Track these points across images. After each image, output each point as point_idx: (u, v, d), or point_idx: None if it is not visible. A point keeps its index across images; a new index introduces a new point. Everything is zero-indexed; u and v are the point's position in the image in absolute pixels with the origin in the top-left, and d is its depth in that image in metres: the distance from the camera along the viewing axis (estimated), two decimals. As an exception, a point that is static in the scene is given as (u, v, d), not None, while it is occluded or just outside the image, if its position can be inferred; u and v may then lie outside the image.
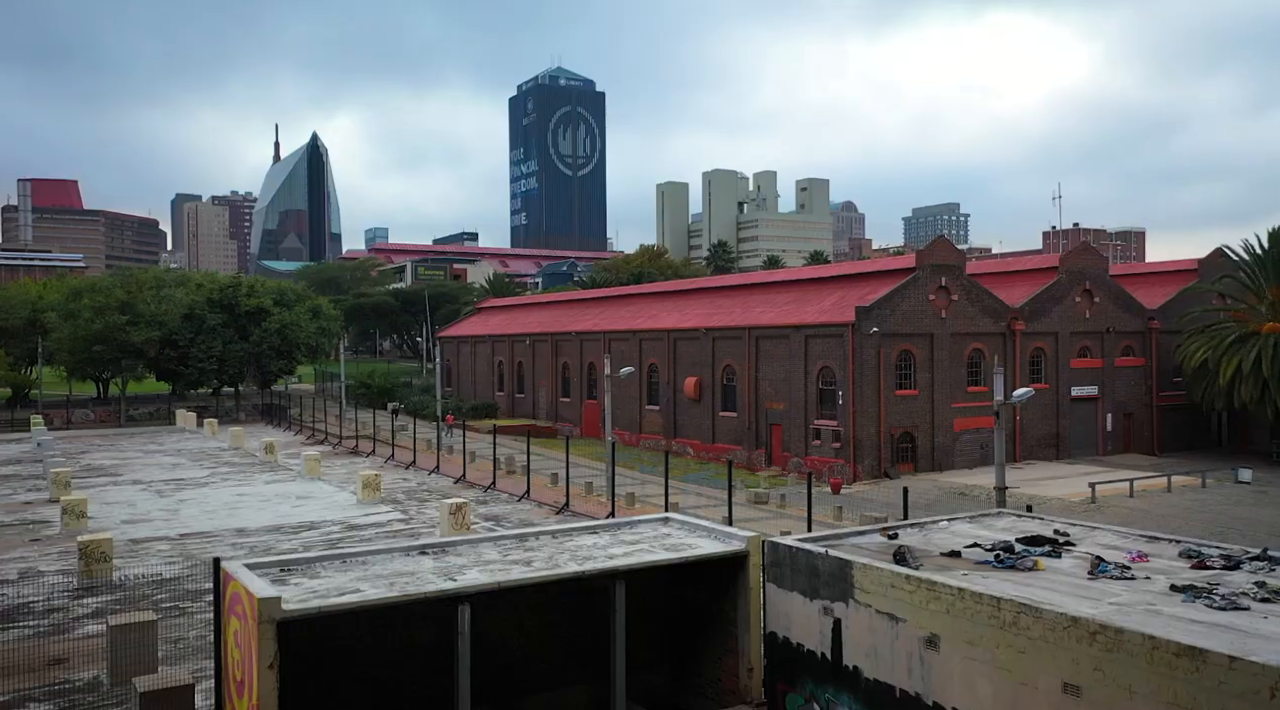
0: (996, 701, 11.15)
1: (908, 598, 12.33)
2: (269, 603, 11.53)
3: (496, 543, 15.48)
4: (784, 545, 14.58)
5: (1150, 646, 9.65)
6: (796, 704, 14.04)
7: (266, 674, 11.45)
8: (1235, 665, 9.01)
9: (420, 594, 12.69)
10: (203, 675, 15.74)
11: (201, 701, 14.82)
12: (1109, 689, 9.99)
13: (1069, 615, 10.50)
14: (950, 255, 46.66)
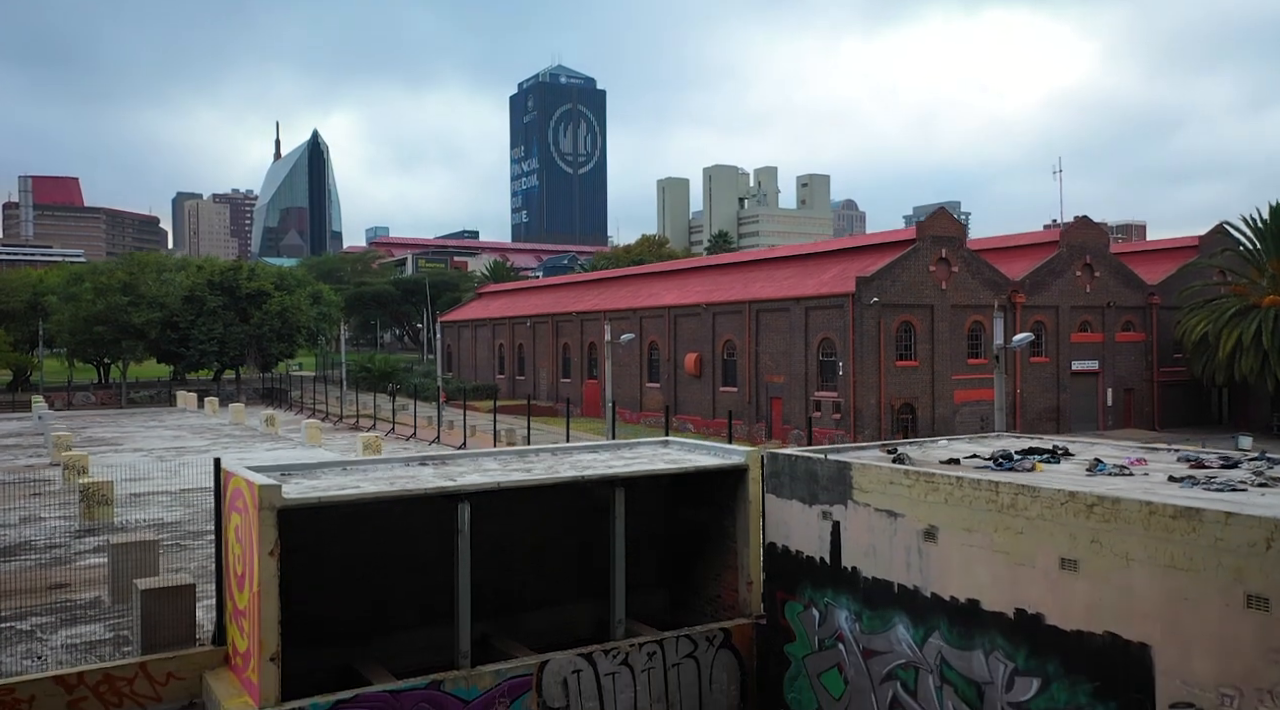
0: (995, 584, 11.19)
1: (906, 493, 12.37)
2: (269, 490, 11.57)
3: (497, 457, 15.52)
4: (783, 454, 14.61)
5: (1147, 512, 9.69)
6: (795, 611, 14.07)
7: (267, 561, 11.49)
8: (1231, 521, 9.05)
9: (420, 490, 12.73)
10: (204, 577, 15.72)
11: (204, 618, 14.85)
12: (1106, 559, 10.03)
13: (1066, 491, 10.54)
14: (950, 227, 46.66)
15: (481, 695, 12.63)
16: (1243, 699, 8.91)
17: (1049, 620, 10.58)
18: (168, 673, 12.61)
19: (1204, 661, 9.20)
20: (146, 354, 78.33)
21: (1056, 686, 10.49)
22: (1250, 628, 8.86)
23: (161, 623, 12.93)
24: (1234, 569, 8.97)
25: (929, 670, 11.96)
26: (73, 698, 11.98)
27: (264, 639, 11.47)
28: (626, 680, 13.73)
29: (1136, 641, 9.75)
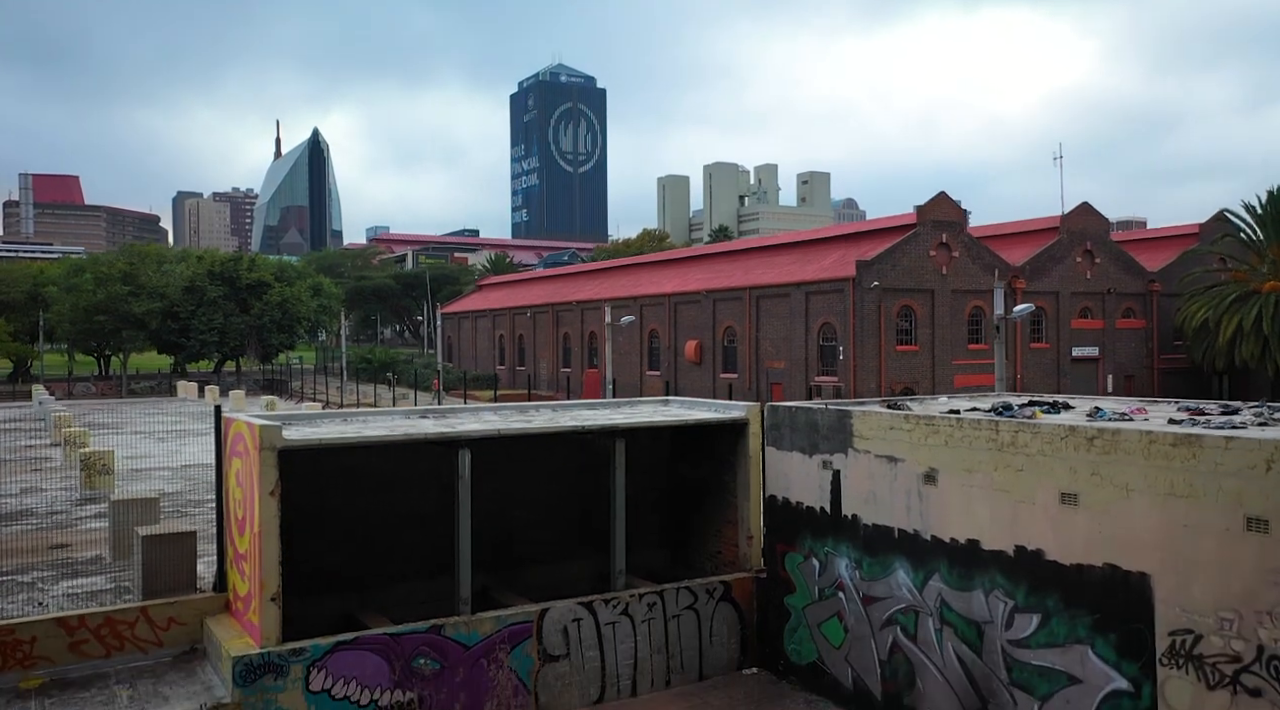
0: (995, 523, 11.21)
1: (906, 437, 12.38)
2: (270, 430, 11.59)
3: (497, 410, 15.53)
4: (783, 406, 14.63)
5: (1148, 441, 9.70)
6: (795, 562, 14.09)
7: (267, 501, 11.50)
8: (1232, 444, 9.07)
9: (421, 435, 12.74)
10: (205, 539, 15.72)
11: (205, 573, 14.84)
12: (1106, 491, 10.04)
13: (1067, 425, 10.56)
14: (951, 211, 46.67)
15: (482, 641, 12.65)
16: (1242, 621, 8.92)
17: (1049, 556, 10.60)
18: (169, 617, 12.62)
19: (1203, 587, 9.22)
20: (147, 344, 78.37)
21: (1056, 621, 10.51)
22: (1250, 551, 8.87)
23: (162, 569, 12.94)
24: (1234, 493, 8.98)
25: (929, 613, 11.98)
26: (74, 640, 12.00)
27: (265, 580, 11.48)
28: (627, 630, 13.74)
29: (1136, 571, 9.77)
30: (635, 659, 13.76)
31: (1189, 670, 9.32)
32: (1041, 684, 10.64)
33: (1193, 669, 9.29)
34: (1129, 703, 9.82)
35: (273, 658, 11.31)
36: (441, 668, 12.33)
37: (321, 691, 11.57)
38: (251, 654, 11.26)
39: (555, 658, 13.17)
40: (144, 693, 11.42)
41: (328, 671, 11.61)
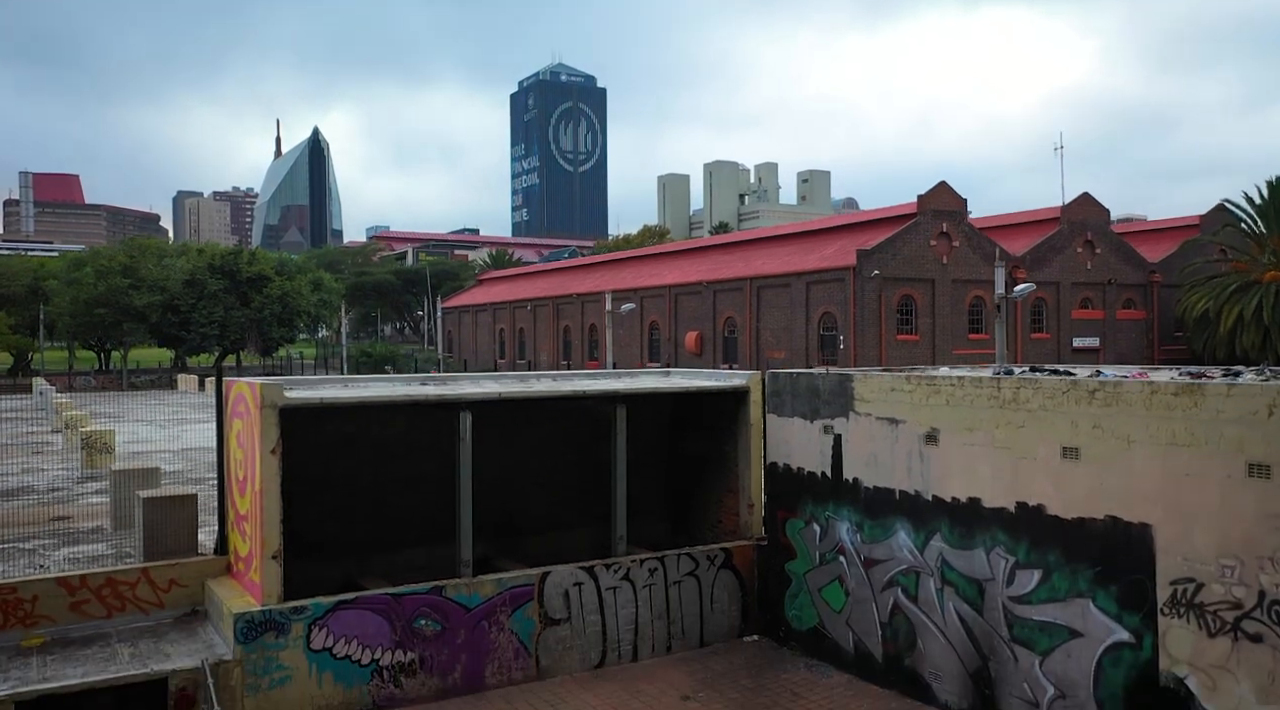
0: (996, 481, 11.21)
1: (908, 398, 12.39)
2: (272, 389, 11.60)
3: (498, 379, 15.53)
4: (785, 373, 14.64)
5: (1149, 392, 9.71)
6: (796, 528, 14.09)
7: (269, 459, 11.51)
8: (1233, 392, 9.07)
9: (421, 396, 12.76)
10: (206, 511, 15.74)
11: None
12: (1107, 444, 10.05)
13: (1068, 380, 10.56)
14: (951, 201, 46.66)
15: (483, 603, 12.65)
16: (1243, 567, 8.92)
17: (1050, 510, 10.60)
18: (170, 579, 12.63)
19: (1204, 536, 9.22)
20: (147, 337, 78.42)
21: (1057, 576, 10.51)
22: (1251, 497, 8.87)
23: (163, 532, 12.95)
24: (1235, 440, 8.98)
25: (930, 573, 11.98)
26: (75, 600, 12.01)
27: (266, 537, 11.49)
28: (628, 595, 13.74)
29: (1138, 522, 9.77)
30: (636, 624, 13.76)
31: (1190, 619, 9.32)
32: (1042, 639, 10.64)
33: (1194, 617, 9.30)
34: (1130, 654, 9.83)
35: (274, 615, 11.31)
36: (443, 629, 12.33)
37: (323, 650, 11.58)
38: (253, 611, 11.27)
39: (556, 621, 13.17)
40: (146, 650, 11.43)
41: (329, 630, 11.61)
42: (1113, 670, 9.97)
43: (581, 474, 16.00)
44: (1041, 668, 10.65)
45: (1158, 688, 9.58)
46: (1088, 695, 10.18)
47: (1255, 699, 8.82)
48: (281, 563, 11.58)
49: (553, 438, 15.73)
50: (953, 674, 11.70)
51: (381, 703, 11.90)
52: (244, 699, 11.06)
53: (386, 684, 11.94)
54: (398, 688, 12.00)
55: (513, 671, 12.80)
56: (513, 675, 12.79)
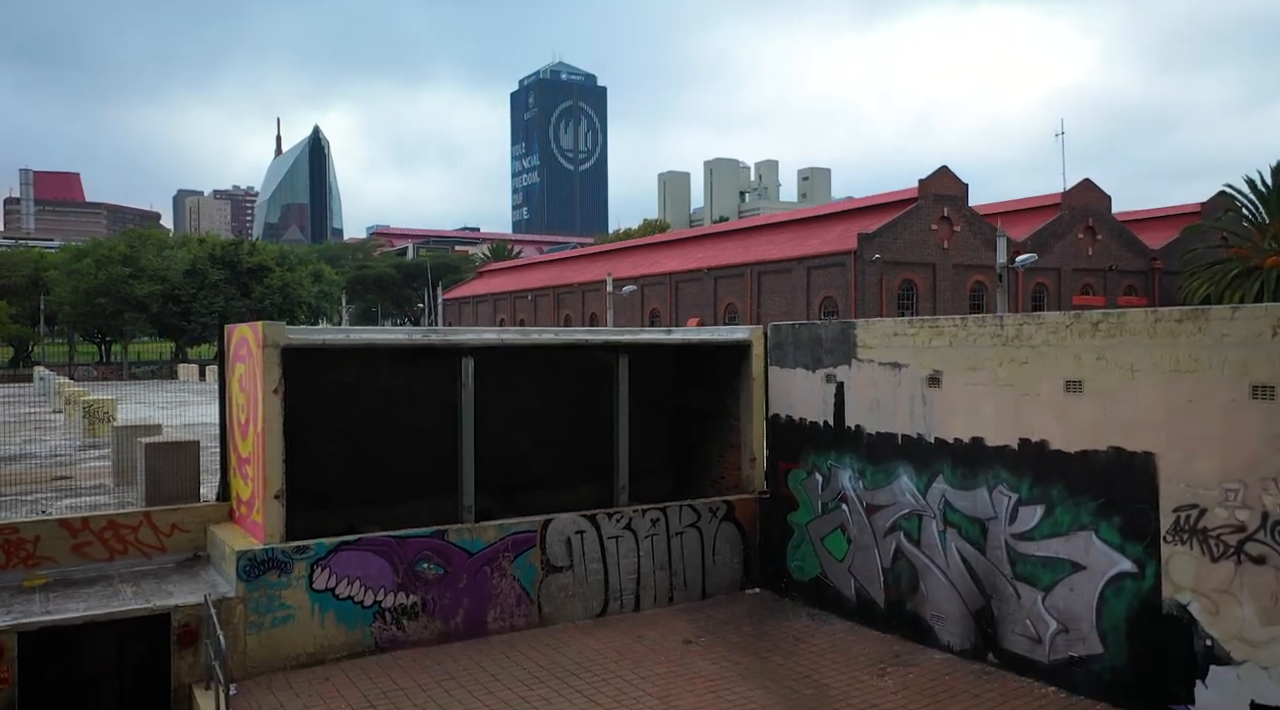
0: (999, 418, 11.20)
1: (910, 341, 12.38)
2: (274, 328, 11.60)
3: (501, 333, 15.50)
4: (787, 324, 14.64)
5: (1153, 320, 9.71)
6: (799, 479, 14.09)
7: (271, 399, 11.50)
8: (1237, 314, 9.07)
9: (424, 341, 12.75)
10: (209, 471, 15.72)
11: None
12: (1111, 374, 10.04)
13: (1071, 314, 10.55)
14: (952, 185, 46.65)
15: (486, 548, 12.65)
16: (1246, 490, 8.92)
17: (1053, 445, 10.59)
18: (172, 524, 12.63)
19: (1208, 461, 9.22)
20: (148, 327, 78.43)
21: (1060, 510, 10.50)
22: (1255, 419, 8.87)
23: (165, 477, 12.95)
24: (1239, 363, 8.98)
25: (932, 516, 11.98)
26: (77, 541, 12.01)
27: (268, 477, 11.49)
28: (630, 545, 13.73)
29: (1141, 452, 9.77)
30: (638, 574, 13.75)
31: (1193, 545, 9.32)
32: (1045, 575, 10.64)
33: (1197, 543, 9.29)
34: (1132, 584, 9.82)
35: (276, 554, 11.31)
36: (445, 573, 12.33)
37: (325, 590, 11.58)
38: (255, 549, 11.27)
39: (558, 569, 13.17)
40: (148, 589, 11.43)
41: (331, 570, 11.61)
42: (1115, 601, 9.97)
43: (584, 432, 15.97)
44: (1044, 603, 10.65)
45: (1160, 616, 9.58)
46: (1090, 627, 10.18)
47: (1258, 621, 8.82)
48: (284, 503, 11.57)
49: (555, 393, 15.71)
50: (955, 615, 11.70)
51: (384, 644, 11.89)
52: (246, 637, 11.06)
53: (389, 626, 11.93)
54: (400, 630, 12.00)
55: (515, 617, 12.79)
56: (515, 621, 12.79)
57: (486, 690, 10.75)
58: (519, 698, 10.52)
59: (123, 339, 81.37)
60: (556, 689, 10.76)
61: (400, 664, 11.48)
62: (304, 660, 11.37)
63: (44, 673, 10.34)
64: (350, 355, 13.62)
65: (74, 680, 10.49)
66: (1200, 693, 9.25)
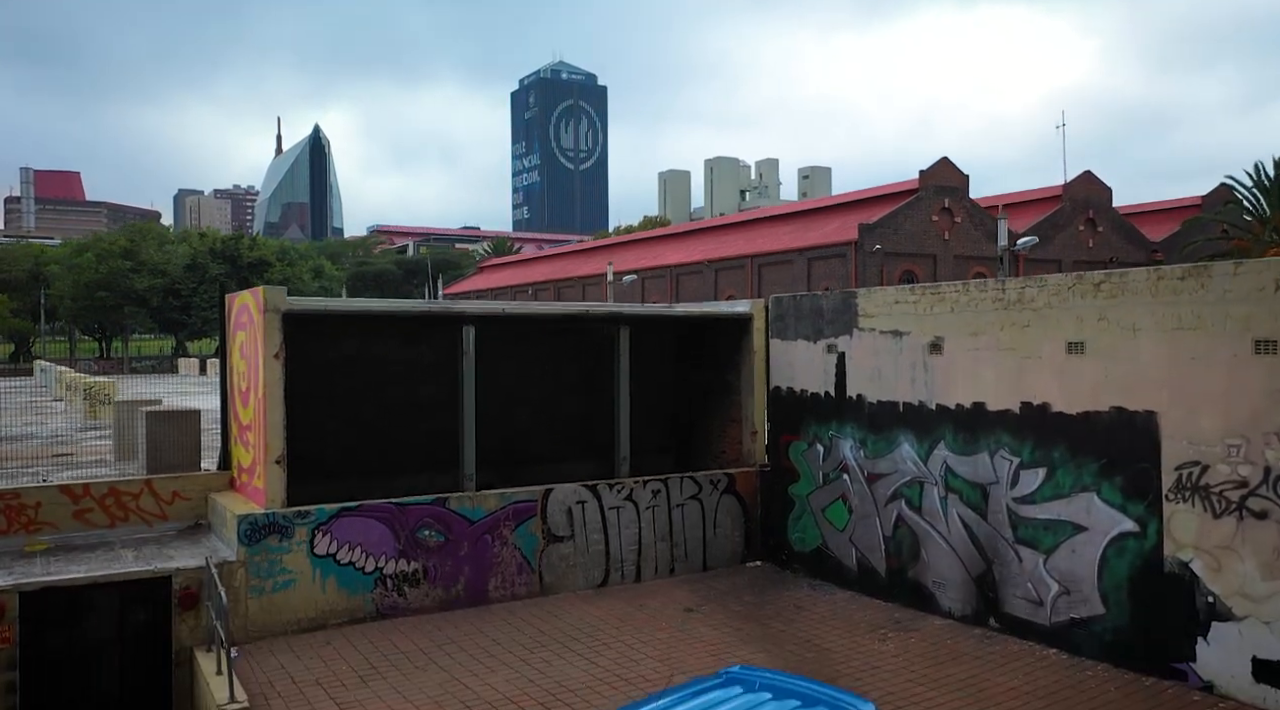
0: (1000, 383, 11.20)
1: (912, 309, 12.37)
2: (274, 293, 11.59)
3: (503, 305, 15.50)
4: (788, 296, 14.64)
5: (1155, 278, 9.70)
6: (800, 451, 14.08)
7: (271, 363, 11.50)
8: (1240, 270, 9.06)
9: (425, 310, 12.75)
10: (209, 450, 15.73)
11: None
12: (1112, 335, 10.03)
13: (1073, 275, 10.55)
14: (953, 177, 46.65)
15: (487, 516, 12.64)
16: (1249, 445, 8.91)
17: (1055, 408, 10.58)
18: (173, 492, 12.63)
19: (1210, 418, 9.21)
20: (148, 320, 78.42)
21: (1061, 472, 10.49)
22: (1257, 374, 8.86)
23: (166, 446, 12.96)
24: (1242, 318, 8.97)
25: (933, 483, 11.97)
26: (79, 508, 12.01)
27: (269, 442, 11.48)
28: (631, 516, 13.73)
29: (1143, 411, 9.76)
30: (639, 545, 13.75)
31: (1195, 502, 9.32)
32: (1046, 537, 10.63)
33: (1199, 500, 9.29)
34: (1134, 543, 9.82)
35: (278, 518, 11.30)
36: (446, 540, 12.33)
37: (326, 556, 11.57)
38: (256, 513, 11.26)
39: (559, 538, 13.16)
40: (149, 554, 11.43)
41: (332, 536, 11.60)
42: (1117, 561, 9.96)
43: (585, 410, 15.92)
44: (1045, 566, 10.64)
45: (1162, 574, 9.57)
46: (1091, 588, 10.18)
47: (1259, 576, 8.82)
48: (285, 468, 11.57)
49: (556, 372, 15.67)
50: (956, 581, 11.69)
51: (385, 611, 11.89)
52: (247, 601, 11.06)
53: (390, 592, 11.93)
54: (401, 597, 11.99)
55: (516, 586, 12.79)
56: (516, 590, 12.78)
57: (487, 653, 10.74)
58: (520, 660, 10.52)
59: (123, 334, 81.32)
60: (558, 652, 10.76)
61: (401, 630, 11.48)
62: (305, 625, 11.36)
63: (45, 639, 10.32)
64: (351, 326, 13.60)
65: (76, 646, 10.45)
66: (1202, 650, 9.25)
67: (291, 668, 10.29)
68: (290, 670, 10.23)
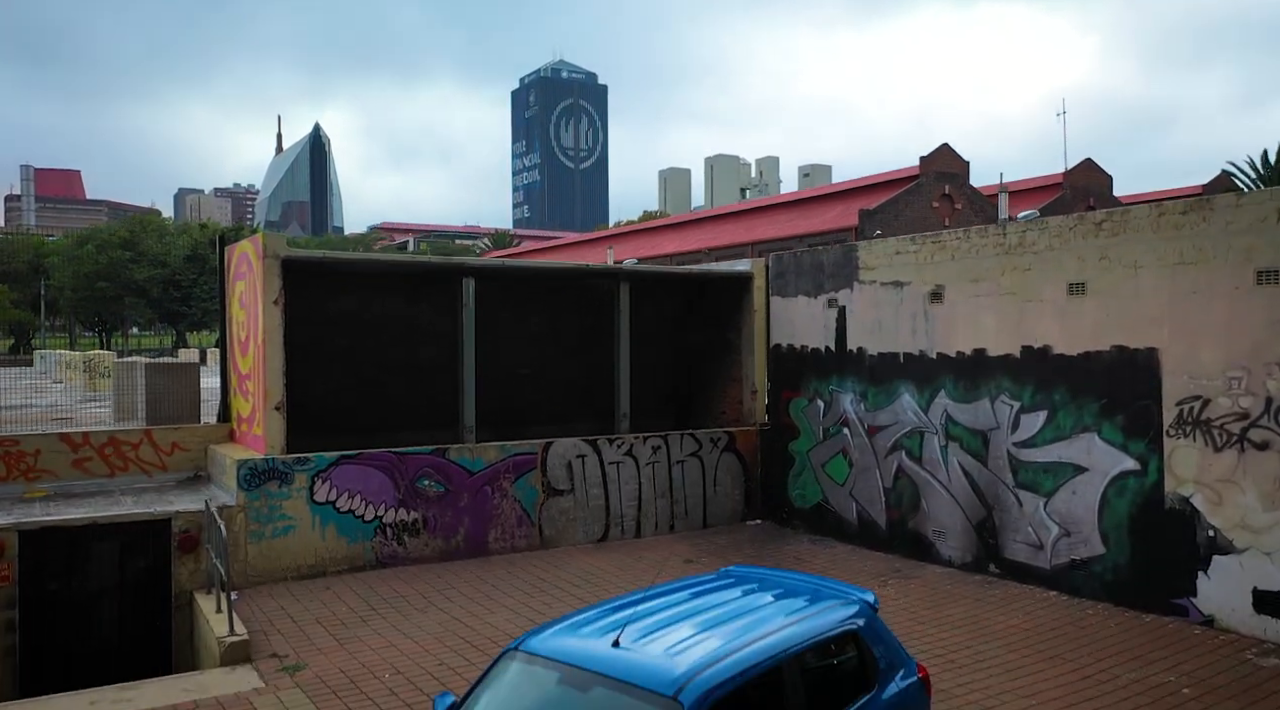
0: (1001, 328, 11.18)
1: (913, 259, 12.36)
2: (274, 239, 11.59)
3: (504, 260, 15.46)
4: (788, 253, 14.62)
5: (1157, 214, 9.68)
6: (800, 407, 14.06)
7: (271, 310, 11.48)
8: (1242, 200, 9.05)
9: (425, 260, 12.74)
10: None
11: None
12: (1115, 273, 10.02)
13: (1075, 216, 10.54)
14: (954, 163, 46.58)
15: (487, 468, 12.63)
16: (1250, 377, 8.90)
17: (1055, 350, 10.57)
18: (173, 443, 12.62)
19: (1211, 351, 9.19)
20: (148, 312, 78.34)
21: (1062, 414, 10.48)
22: (1259, 304, 8.85)
23: (166, 398, 12.94)
24: (1244, 249, 8.95)
25: (934, 432, 11.95)
26: (78, 456, 12.00)
27: (269, 388, 11.46)
28: (631, 471, 13.71)
29: (1144, 348, 9.74)
30: (639, 500, 13.73)
31: (1196, 437, 9.30)
32: (1046, 480, 10.61)
33: (1200, 434, 9.27)
34: (1135, 482, 9.80)
35: (277, 464, 11.29)
36: (446, 491, 12.31)
37: (326, 503, 11.56)
38: (256, 458, 11.24)
39: (559, 492, 13.14)
40: (149, 500, 11.41)
41: (332, 483, 11.59)
42: (1117, 500, 9.94)
43: (584, 371, 15.90)
44: (1046, 509, 10.63)
45: (1163, 511, 9.56)
46: (1091, 529, 10.16)
47: (1260, 507, 8.81)
48: (285, 414, 11.55)
49: (555, 330, 15.64)
50: (956, 529, 11.68)
51: (385, 560, 11.87)
52: (247, 546, 11.04)
53: (390, 541, 11.91)
54: (401, 546, 11.98)
55: (516, 539, 12.77)
56: (516, 542, 12.77)
57: (488, 597, 10.73)
58: (520, 603, 10.50)
59: (123, 326, 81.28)
60: (558, 596, 10.74)
61: (402, 577, 11.47)
62: (304, 572, 11.35)
63: (45, 581, 10.29)
64: (352, 283, 13.57)
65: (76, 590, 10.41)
66: (1202, 585, 9.24)
67: (291, 609, 10.28)
68: (290, 611, 10.21)
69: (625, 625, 4.70)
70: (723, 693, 4.18)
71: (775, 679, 4.52)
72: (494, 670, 4.73)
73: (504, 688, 4.59)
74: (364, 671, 8.54)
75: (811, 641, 4.85)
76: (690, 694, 4.09)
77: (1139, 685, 7.91)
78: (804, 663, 4.71)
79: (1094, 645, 8.84)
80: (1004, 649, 8.85)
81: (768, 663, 4.49)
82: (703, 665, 4.30)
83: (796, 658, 4.65)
